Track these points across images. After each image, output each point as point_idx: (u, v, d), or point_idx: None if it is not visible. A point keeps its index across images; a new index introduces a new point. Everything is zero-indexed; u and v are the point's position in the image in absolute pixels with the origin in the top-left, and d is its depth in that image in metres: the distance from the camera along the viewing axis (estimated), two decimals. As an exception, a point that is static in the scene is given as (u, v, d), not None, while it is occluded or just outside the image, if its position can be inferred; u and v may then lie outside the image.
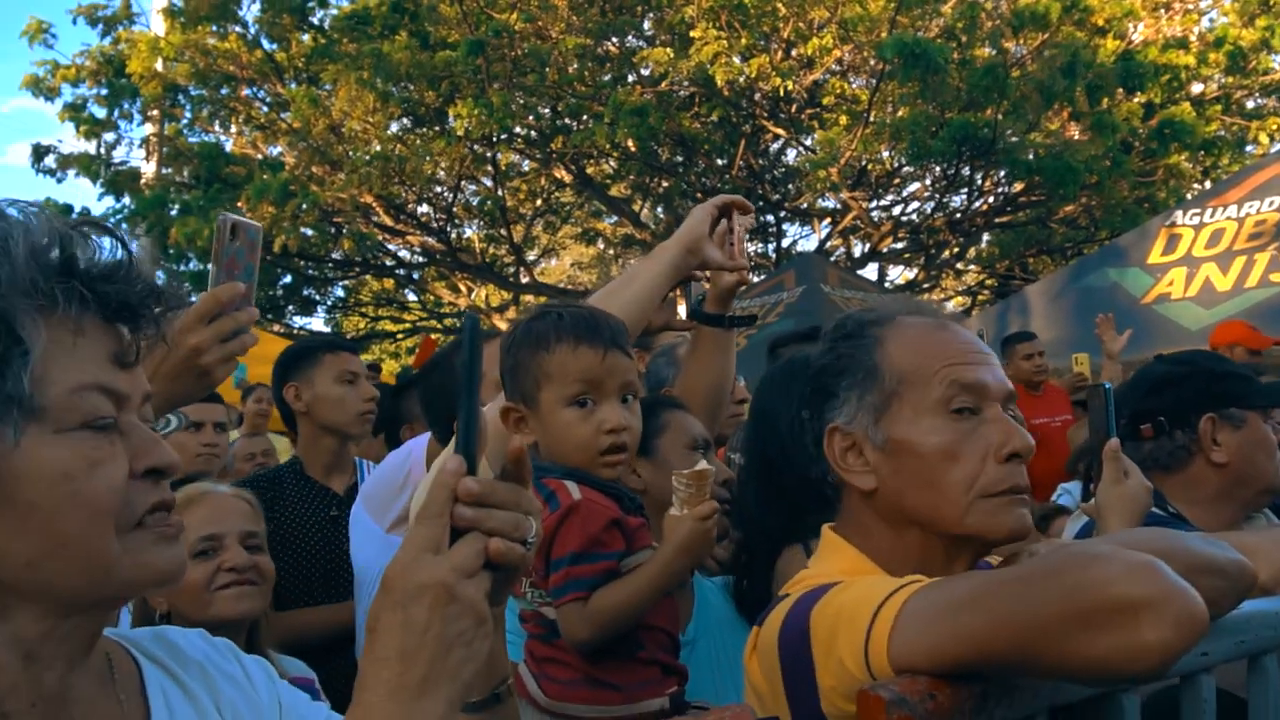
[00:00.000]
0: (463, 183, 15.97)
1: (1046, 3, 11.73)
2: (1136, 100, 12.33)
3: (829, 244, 16.50)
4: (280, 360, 2.83)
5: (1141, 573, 0.95)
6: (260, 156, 15.25)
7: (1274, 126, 13.48)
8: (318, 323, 18.62)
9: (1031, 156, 12.28)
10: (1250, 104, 14.03)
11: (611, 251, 20.58)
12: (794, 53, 13.08)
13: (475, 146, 14.05)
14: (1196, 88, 13.37)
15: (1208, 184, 13.75)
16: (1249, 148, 13.91)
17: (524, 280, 18.16)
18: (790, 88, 13.08)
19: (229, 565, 1.93)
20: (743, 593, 2.03)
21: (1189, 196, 12.89)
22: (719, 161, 15.64)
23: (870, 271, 16.39)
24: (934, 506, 1.24)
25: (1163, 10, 13.37)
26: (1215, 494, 2.13)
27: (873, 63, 12.72)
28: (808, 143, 15.12)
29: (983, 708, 1.03)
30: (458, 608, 0.83)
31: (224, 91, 15.07)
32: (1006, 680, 1.05)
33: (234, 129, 15.85)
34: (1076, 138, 12.39)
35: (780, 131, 14.75)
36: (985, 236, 16.63)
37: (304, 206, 12.61)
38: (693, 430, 2.06)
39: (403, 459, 2.32)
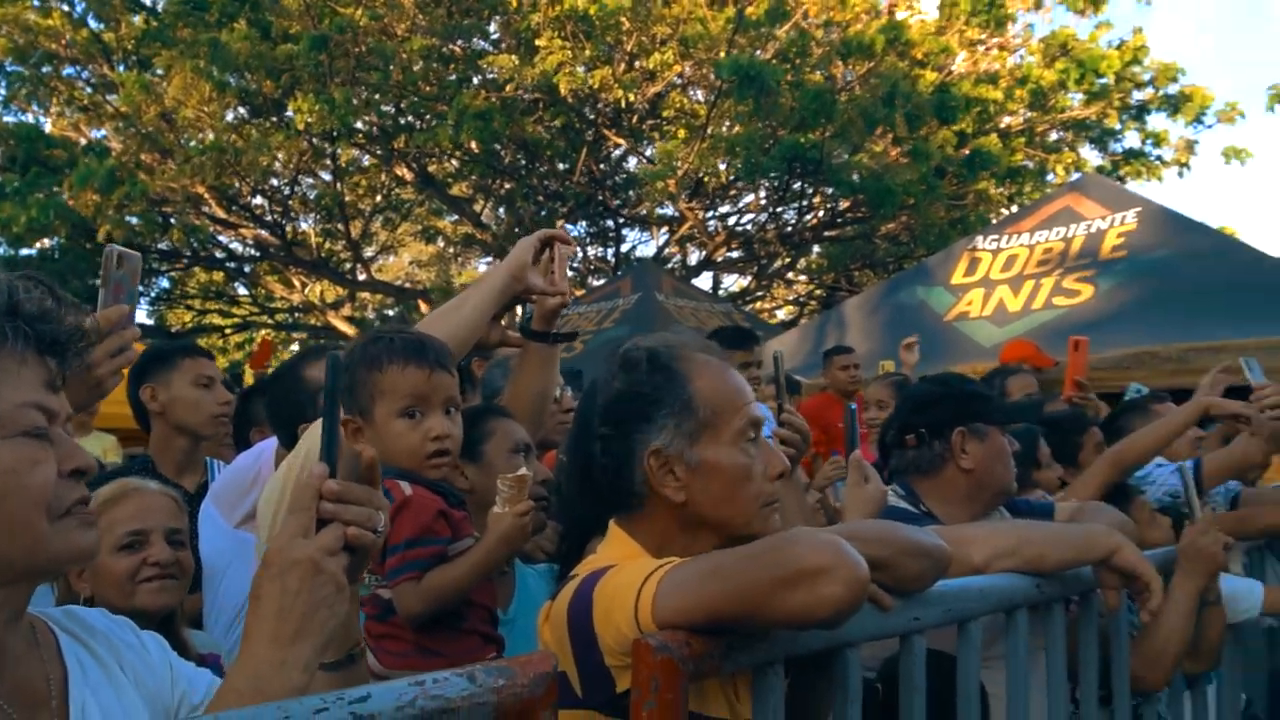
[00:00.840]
0: (300, 176, 15.72)
1: (872, 34, 12.49)
2: (951, 129, 13.22)
3: (666, 251, 17.00)
4: (139, 362, 2.90)
5: (824, 548, 1.27)
6: (83, 141, 14.61)
7: (1069, 160, 14.72)
8: (141, 315, 17.89)
9: (856, 177, 13.00)
10: (1052, 137, 15.23)
11: (452, 250, 20.52)
12: (636, 65, 13.47)
13: (315, 141, 13.88)
14: (1004, 121, 14.42)
15: (1013, 209, 14.87)
16: (1049, 177, 15.11)
17: (360, 277, 17.95)
18: (632, 99, 13.47)
19: (153, 560, 2.03)
20: (562, 576, 2.30)
21: (995, 220, 13.93)
22: (561, 166, 15.91)
23: (705, 279, 16.98)
24: (731, 515, 1.54)
25: (977, 47, 14.37)
26: (962, 495, 2.51)
27: (711, 78, 13.25)
28: (648, 153, 15.55)
29: (728, 654, 1.32)
30: (323, 578, 1.09)
31: (44, 70, 14.39)
32: (748, 632, 1.35)
33: (54, 109, 15.13)
34: (897, 161, 13.18)
35: (621, 141, 15.13)
36: (814, 249, 17.44)
37: (131, 195, 12.18)
38: (515, 435, 2.32)
39: (252, 460, 2.48)
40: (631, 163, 16.82)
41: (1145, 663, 2.45)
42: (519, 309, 2.34)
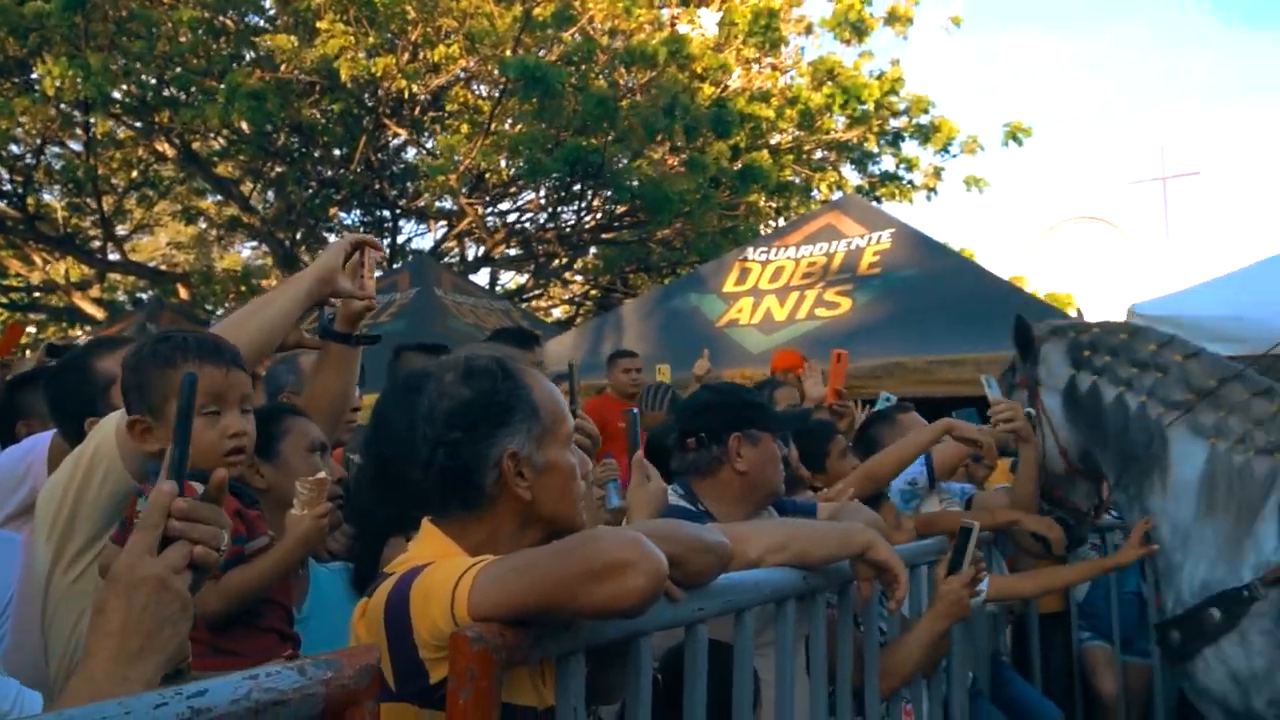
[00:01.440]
0: (46, 145, 14.53)
1: (655, 45, 12.86)
2: (726, 143, 13.78)
3: (444, 245, 16.84)
4: None
5: (629, 544, 1.40)
6: None
7: (832, 179, 15.68)
8: None
9: (635, 183, 13.33)
10: (817, 156, 16.15)
11: (215, 233, 19.45)
12: (420, 56, 13.29)
13: (64, 108, 12.87)
14: (775, 138, 15.18)
15: (781, 222, 15.68)
16: (814, 194, 16.03)
17: (112, 257, 16.77)
18: (415, 90, 13.28)
19: None
20: (357, 575, 2.33)
21: (765, 232, 14.65)
22: (337, 152, 15.46)
23: (483, 275, 16.95)
24: (565, 511, 1.69)
25: (752, 65, 15.05)
26: (736, 496, 2.72)
27: (496, 75, 13.25)
28: (429, 145, 15.36)
29: (537, 644, 1.43)
30: (168, 595, 1.12)
31: None
32: (554, 624, 1.46)
33: None
34: (675, 170, 13.62)
35: (401, 131, 14.87)
36: (591, 250, 17.73)
37: None
38: (311, 434, 2.33)
39: (20, 456, 2.36)
40: (411, 154, 16.57)
41: (883, 673, 2.72)
42: (318, 310, 2.36)
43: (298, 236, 16.27)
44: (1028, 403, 3.61)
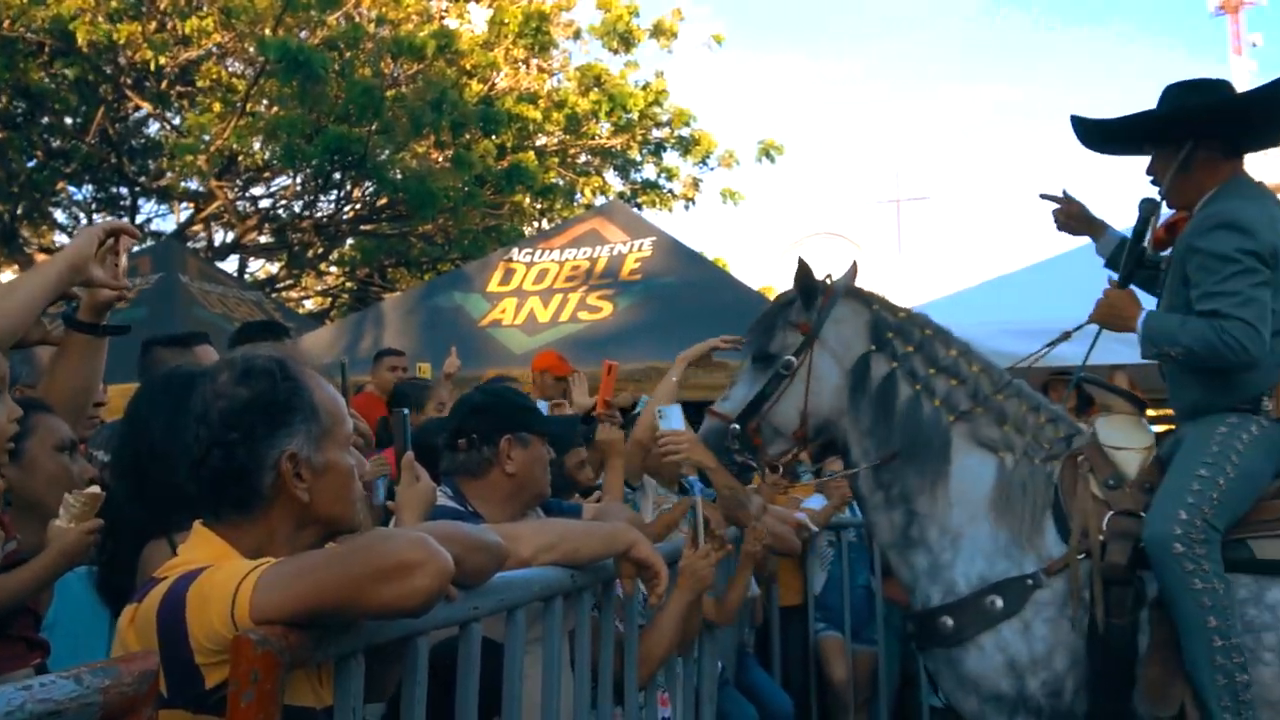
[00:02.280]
0: None
1: (424, 38, 12.66)
2: (493, 141, 13.75)
3: (190, 229, 15.86)
4: None
5: (416, 544, 1.44)
6: None
7: (596, 184, 15.97)
8: None
9: (398, 176, 13.07)
10: (582, 160, 16.39)
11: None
12: (170, 26, 12.49)
13: None
14: (540, 140, 15.29)
15: (545, 224, 15.81)
16: (578, 197, 16.26)
17: None
18: (162, 62, 12.46)
19: None
20: (106, 580, 2.21)
21: (529, 233, 14.72)
22: (69, 121, 14.27)
23: (231, 263, 16.09)
24: (343, 512, 1.69)
25: (521, 66, 15.09)
26: (505, 496, 2.78)
27: (253, 53, 12.63)
28: (176, 121, 14.44)
29: (320, 645, 1.44)
30: None
31: None
32: (336, 626, 1.47)
33: None
34: (440, 165, 13.45)
35: (145, 104, 13.92)
36: (349, 241, 17.20)
37: None
38: (60, 432, 2.21)
39: None
40: (154, 128, 15.51)
41: (641, 658, 2.86)
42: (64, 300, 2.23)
43: (19, 210, 14.89)
44: (796, 349, 3.42)
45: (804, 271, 3.49)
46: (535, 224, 16.07)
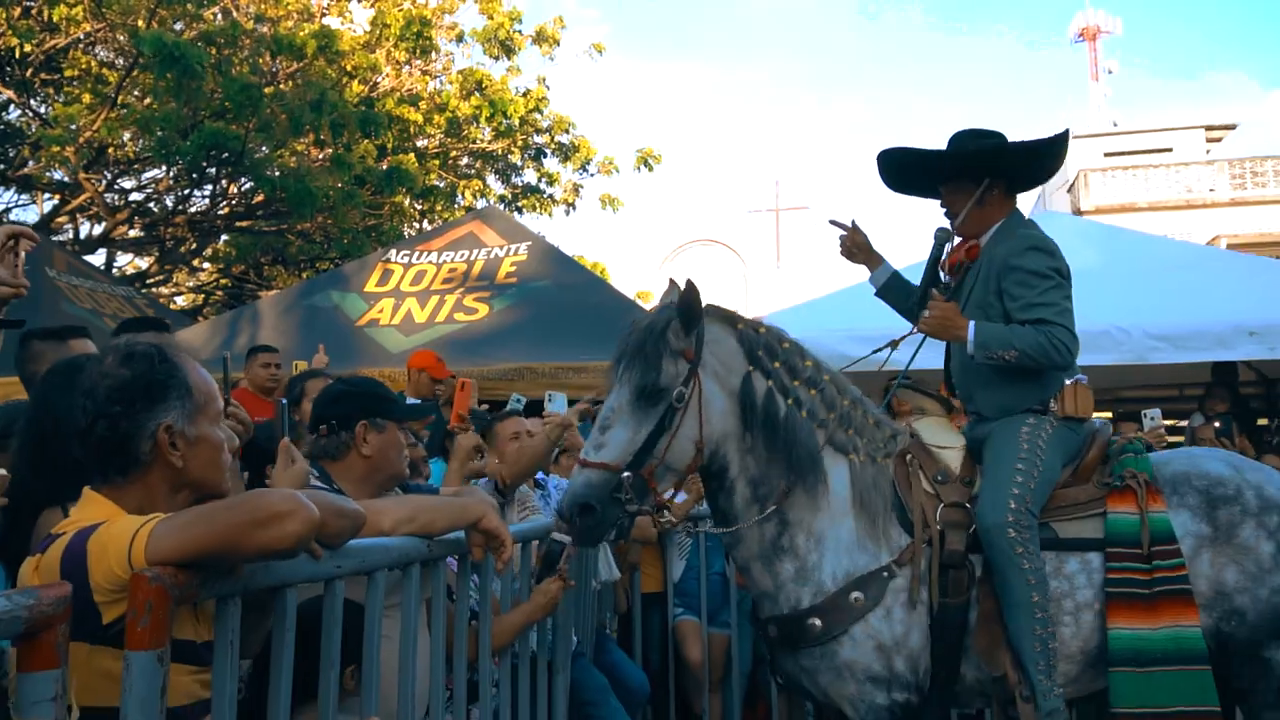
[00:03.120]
0: None
1: (304, 37, 12.65)
2: (373, 142, 13.79)
3: (55, 221, 15.41)
4: None
5: (287, 498, 1.76)
6: None
7: (476, 187, 16.14)
8: None
9: (277, 174, 13.00)
10: (463, 162, 16.54)
11: None
12: (35, 13, 12.18)
13: None
14: (421, 142, 15.38)
15: (426, 225, 15.89)
16: (458, 200, 16.39)
17: None
18: (27, 49, 12.15)
19: None
20: (4, 542, 2.41)
21: (409, 234, 14.80)
22: (-78, 106, 13.78)
23: (99, 257, 15.71)
24: (212, 477, 1.97)
25: (403, 68, 15.16)
26: (362, 477, 3.03)
27: (125, 43, 12.40)
28: (41, 110, 14.05)
29: (205, 584, 1.72)
30: None
31: None
32: (218, 570, 1.76)
33: None
34: (319, 165, 13.42)
35: (8, 91, 13.52)
36: (224, 238, 16.93)
37: None
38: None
39: None
40: (14, 115, 15.01)
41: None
42: None
43: None
44: (684, 379, 3.24)
45: (694, 294, 3.25)
46: (416, 225, 16.14)
